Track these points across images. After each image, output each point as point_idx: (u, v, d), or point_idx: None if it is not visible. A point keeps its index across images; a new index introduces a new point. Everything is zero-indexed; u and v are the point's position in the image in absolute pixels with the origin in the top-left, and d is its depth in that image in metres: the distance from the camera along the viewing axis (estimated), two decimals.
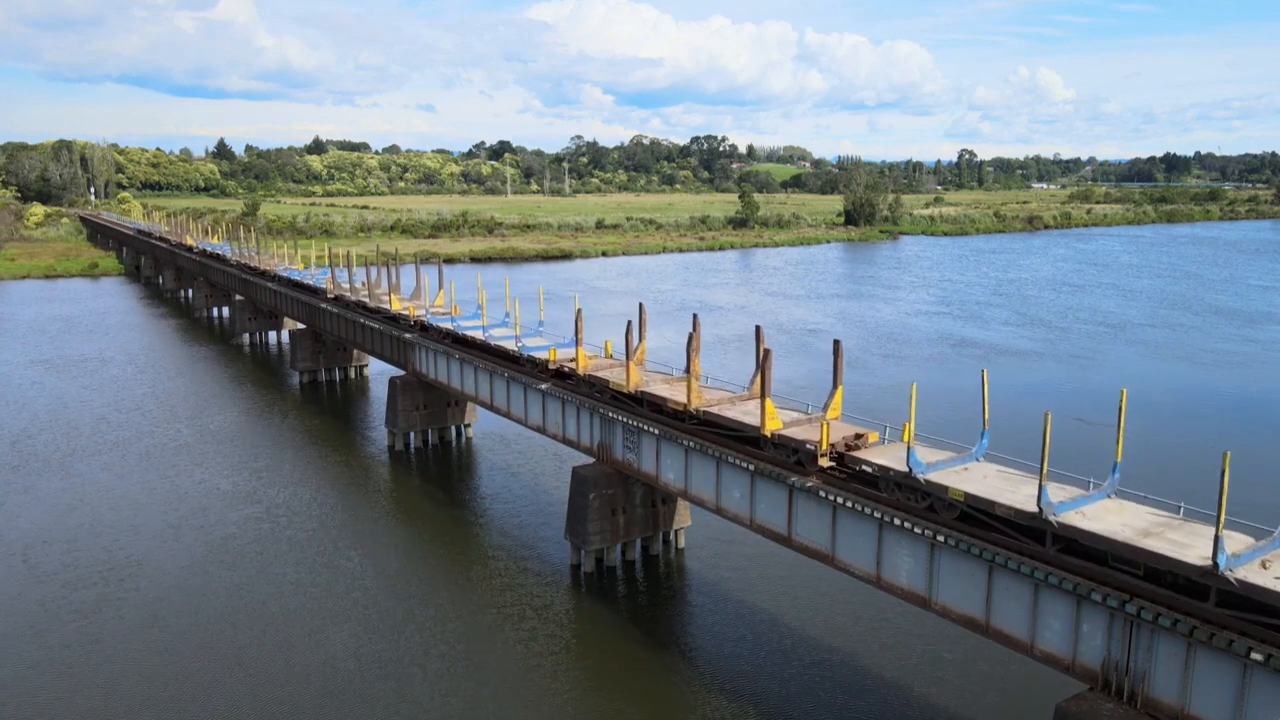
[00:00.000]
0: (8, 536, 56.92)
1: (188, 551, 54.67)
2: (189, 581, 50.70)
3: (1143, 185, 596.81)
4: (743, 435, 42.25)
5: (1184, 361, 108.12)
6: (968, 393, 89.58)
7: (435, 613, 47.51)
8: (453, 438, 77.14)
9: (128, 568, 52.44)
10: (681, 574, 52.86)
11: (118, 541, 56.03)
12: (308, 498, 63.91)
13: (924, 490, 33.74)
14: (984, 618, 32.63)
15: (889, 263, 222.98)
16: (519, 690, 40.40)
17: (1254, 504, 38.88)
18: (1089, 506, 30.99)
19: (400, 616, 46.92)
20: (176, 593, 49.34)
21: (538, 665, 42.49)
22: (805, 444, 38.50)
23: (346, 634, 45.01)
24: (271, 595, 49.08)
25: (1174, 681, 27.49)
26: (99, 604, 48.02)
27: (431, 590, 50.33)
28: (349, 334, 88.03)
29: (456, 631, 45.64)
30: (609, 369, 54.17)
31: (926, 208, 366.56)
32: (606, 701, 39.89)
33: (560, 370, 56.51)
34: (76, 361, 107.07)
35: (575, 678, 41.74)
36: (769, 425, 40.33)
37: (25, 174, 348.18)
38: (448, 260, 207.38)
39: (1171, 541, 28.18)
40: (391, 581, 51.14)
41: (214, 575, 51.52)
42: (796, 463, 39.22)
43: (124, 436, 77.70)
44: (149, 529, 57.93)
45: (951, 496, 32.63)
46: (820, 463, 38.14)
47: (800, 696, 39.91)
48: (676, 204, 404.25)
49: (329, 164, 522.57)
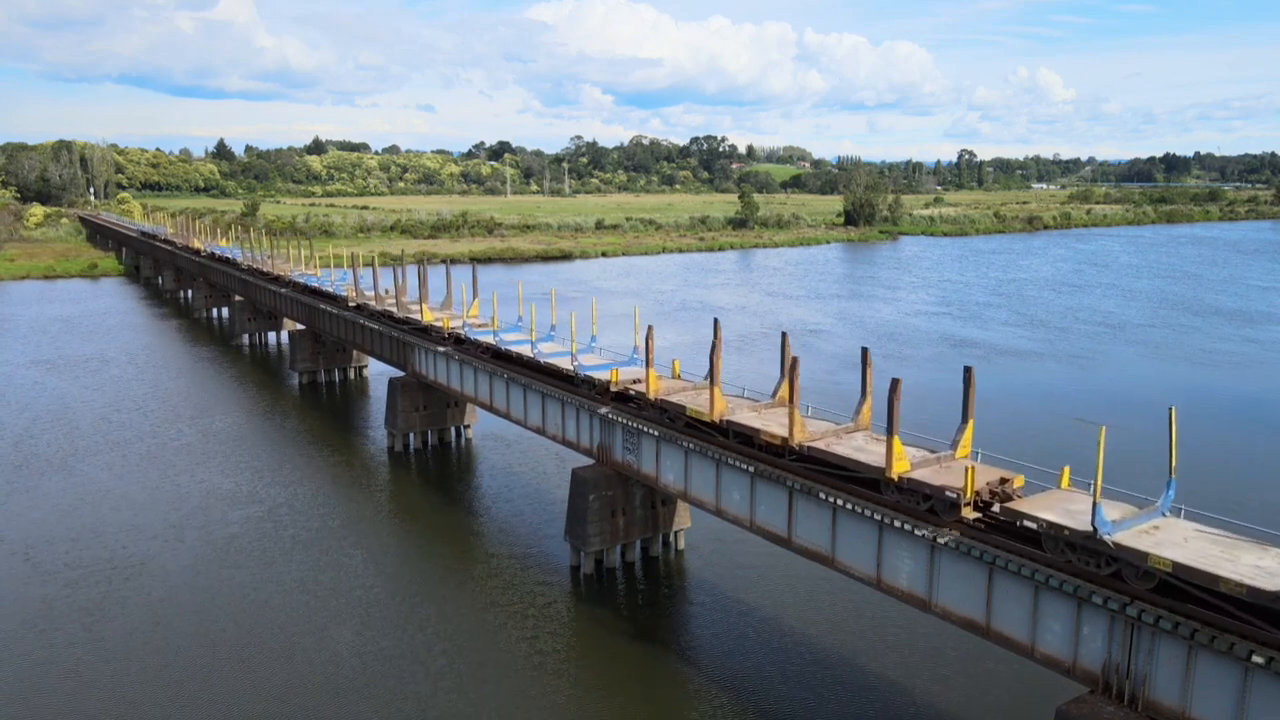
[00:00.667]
0: (10, 536, 56.97)
1: (190, 551, 54.65)
2: (192, 581, 50.70)
3: (1142, 185, 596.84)
4: (857, 476, 36.86)
5: (1185, 362, 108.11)
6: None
7: (436, 612, 47.49)
8: (452, 439, 77.12)
9: (129, 568, 52.45)
10: (681, 575, 52.86)
11: (120, 541, 56.07)
12: (308, 498, 63.89)
13: (1111, 555, 28.48)
14: (984, 620, 32.62)
15: (889, 263, 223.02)
16: (520, 690, 40.39)
17: None
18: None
19: (401, 616, 46.90)
20: (182, 592, 49.37)
21: (538, 665, 42.48)
22: (944, 490, 32.91)
23: (350, 632, 45.00)
24: (273, 596, 49.05)
25: (1175, 684, 27.47)
26: (102, 603, 48.08)
27: (432, 591, 50.30)
28: (349, 335, 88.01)
29: (457, 631, 45.61)
30: (682, 392, 48.08)
31: (926, 208, 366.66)
32: (606, 702, 39.89)
33: (624, 393, 51.01)
34: (77, 362, 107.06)
35: (575, 678, 41.72)
36: (896, 467, 34.80)
37: (25, 174, 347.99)
38: (447, 260, 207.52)
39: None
40: (392, 582, 51.13)
41: (217, 575, 51.51)
42: (929, 510, 33.81)
43: (125, 437, 77.66)
44: (151, 529, 57.94)
45: (1153, 565, 27.34)
46: (963, 513, 32.89)
47: (800, 697, 39.91)
48: (676, 204, 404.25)
49: (328, 164, 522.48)
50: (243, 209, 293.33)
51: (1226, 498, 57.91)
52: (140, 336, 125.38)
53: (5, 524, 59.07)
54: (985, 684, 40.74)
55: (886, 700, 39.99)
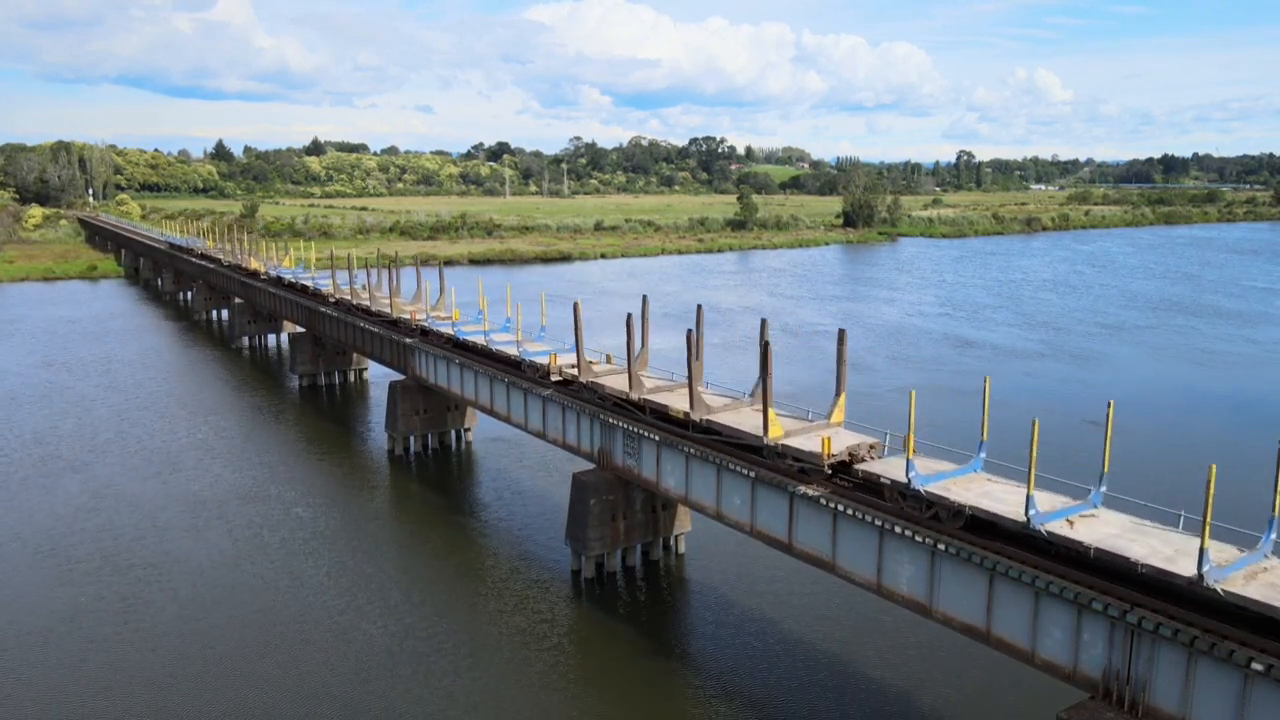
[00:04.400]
0: (30, 535, 57.75)
1: (193, 552, 54.74)
2: (213, 578, 50.85)
3: (1141, 186, 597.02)
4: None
5: (1186, 362, 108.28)
6: (972, 394, 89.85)
7: (435, 614, 47.53)
8: (452, 442, 77.17)
9: (150, 566, 53.36)
10: (682, 579, 52.94)
11: (140, 539, 56.91)
12: (308, 500, 63.91)
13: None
14: (985, 626, 32.71)
15: (889, 264, 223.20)
16: (519, 692, 40.44)
17: None
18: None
19: (401, 617, 46.94)
20: (207, 588, 49.55)
21: (538, 668, 42.54)
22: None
23: (353, 630, 45.05)
24: (275, 595, 49.14)
25: (1175, 691, 27.56)
26: (135, 598, 49.26)
27: (431, 593, 50.35)
28: (349, 338, 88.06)
29: (457, 634, 45.64)
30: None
31: (925, 209, 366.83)
32: (606, 705, 39.97)
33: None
34: (77, 364, 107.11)
35: (575, 681, 41.78)
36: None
37: (23, 175, 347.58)
38: (446, 262, 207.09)
39: None
40: (393, 583, 51.14)
41: (217, 576, 51.59)
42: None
43: (136, 436, 77.88)
44: (169, 526, 58.41)
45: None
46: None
47: (800, 701, 39.98)
48: (675, 205, 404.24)
49: (327, 165, 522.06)
50: (242, 210, 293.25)
51: None
52: (140, 339, 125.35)
53: (29, 522, 59.86)
54: (986, 690, 40.80)
55: (886, 705, 40.07)
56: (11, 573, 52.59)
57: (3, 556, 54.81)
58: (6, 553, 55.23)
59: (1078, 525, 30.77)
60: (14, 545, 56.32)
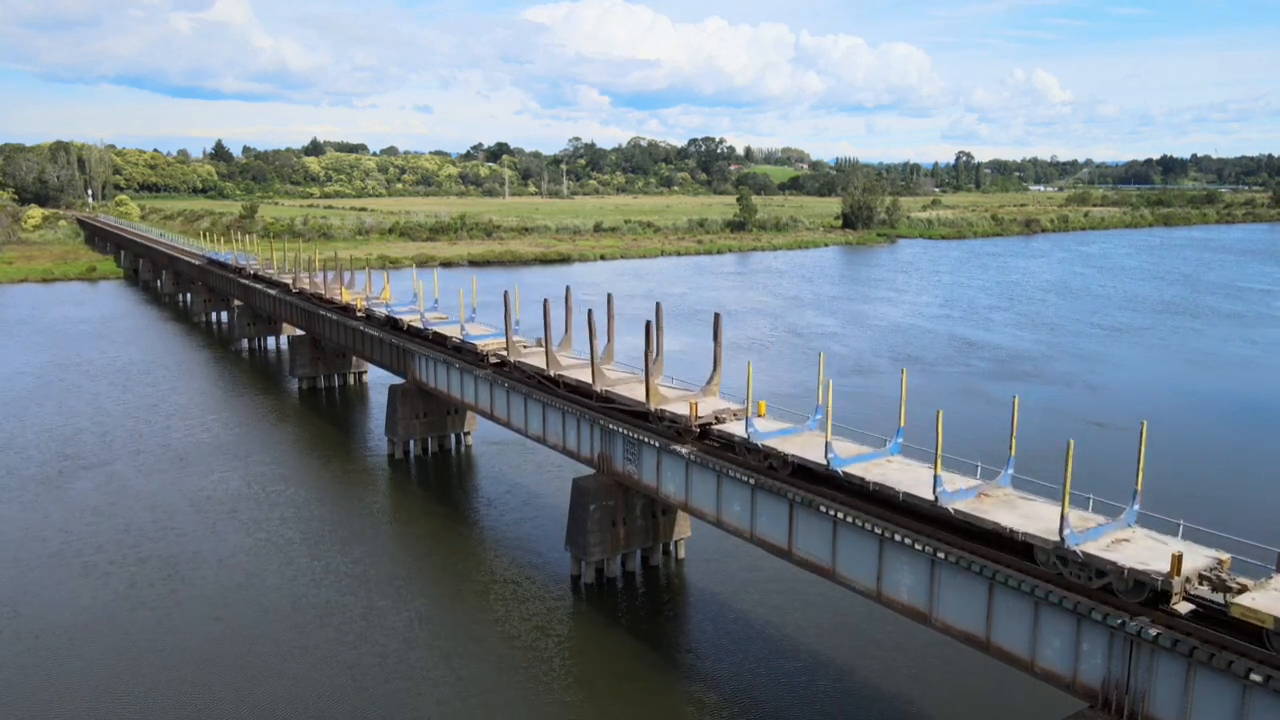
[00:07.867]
0: (53, 537, 58.38)
1: (200, 553, 54.80)
2: (223, 578, 50.93)
3: (1140, 187, 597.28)
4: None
5: (1186, 363, 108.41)
6: (972, 394, 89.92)
7: (436, 619, 47.60)
8: (452, 446, 77.22)
9: (172, 565, 54.12)
10: (681, 584, 53.01)
11: (159, 539, 57.84)
12: (308, 502, 63.95)
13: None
14: (984, 634, 32.80)
15: (889, 266, 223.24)
16: (519, 697, 40.51)
17: None
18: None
19: (399, 621, 46.99)
20: (230, 590, 49.64)
21: (537, 673, 42.60)
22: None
23: (353, 630, 45.11)
24: (276, 597, 49.18)
25: (1174, 701, 27.65)
26: (166, 596, 50.36)
27: (431, 597, 50.39)
28: (349, 341, 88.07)
29: (456, 638, 45.73)
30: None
31: (924, 210, 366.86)
32: (606, 709, 40.02)
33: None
34: (87, 364, 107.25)
35: (575, 687, 41.84)
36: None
37: (22, 176, 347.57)
38: (445, 264, 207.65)
39: None
40: (393, 584, 51.19)
41: (217, 577, 51.66)
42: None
43: (146, 438, 78.12)
44: (186, 529, 58.86)
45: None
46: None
47: (800, 707, 40.05)
48: (674, 206, 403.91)
49: (326, 165, 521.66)
50: (241, 211, 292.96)
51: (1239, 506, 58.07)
52: (140, 341, 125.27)
53: (50, 524, 60.36)
54: (985, 698, 40.88)
55: (884, 712, 40.14)
56: (40, 571, 52.80)
57: (26, 555, 55.44)
58: (27, 552, 55.71)
59: (870, 469, 37.52)
60: (34, 545, 56.99)
